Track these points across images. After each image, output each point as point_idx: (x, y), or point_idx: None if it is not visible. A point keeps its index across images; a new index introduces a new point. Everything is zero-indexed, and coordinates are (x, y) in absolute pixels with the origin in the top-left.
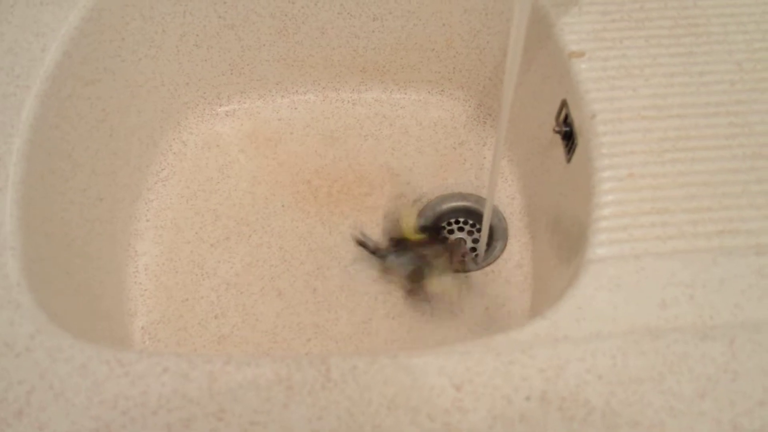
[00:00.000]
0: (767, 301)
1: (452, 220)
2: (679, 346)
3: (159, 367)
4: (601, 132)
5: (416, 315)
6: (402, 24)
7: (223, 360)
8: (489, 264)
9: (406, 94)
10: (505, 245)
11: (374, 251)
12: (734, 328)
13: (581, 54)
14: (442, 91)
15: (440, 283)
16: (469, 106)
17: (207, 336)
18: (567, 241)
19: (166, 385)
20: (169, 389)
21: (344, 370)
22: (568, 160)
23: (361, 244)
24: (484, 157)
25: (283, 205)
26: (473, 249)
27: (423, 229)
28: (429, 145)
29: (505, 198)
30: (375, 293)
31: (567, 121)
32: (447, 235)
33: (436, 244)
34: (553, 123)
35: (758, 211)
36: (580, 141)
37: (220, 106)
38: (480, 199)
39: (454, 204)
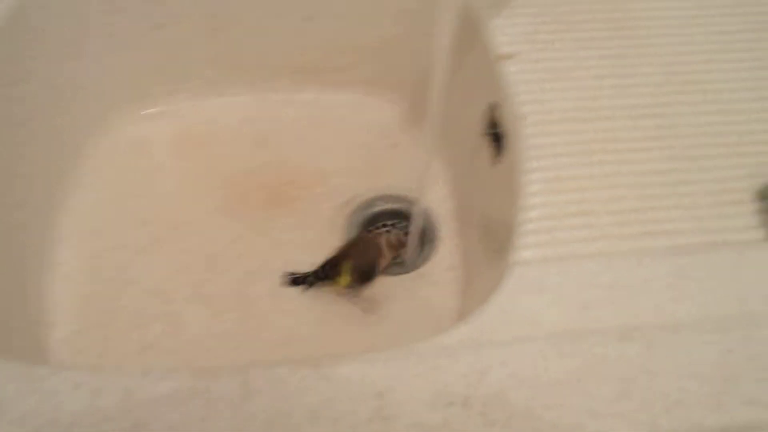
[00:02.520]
0: (685, 302)
1: (382, 223)
2: (599, 348)
3: (71, 382)
4: (530, 134)
5: (345, 320)
6: (335, 24)
7: (140, 373)
8: (418, 267)
9: (340, 95)
10: (435, 248)
11: (307, 280)
12: (653, 329)
13: (510, 56)
14: (376, 92)
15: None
16: (403, 108)
17: (130, 346)
18: (495, 243)
19: (79, 401)
20: (82, 405)
21: (265, 381)
22: (497, 162)
23: (295, 282)
24: (417, 160)
25: (211, 210)
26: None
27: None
28: (362, 147)
29: (437, 200)
30: (303, 299)
31: (496, 123)
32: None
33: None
34: (483, 125)
35: (682, 212)
36: (509, 143)
37: (148, 108)
38: (412, 202)
39: (385, 206)
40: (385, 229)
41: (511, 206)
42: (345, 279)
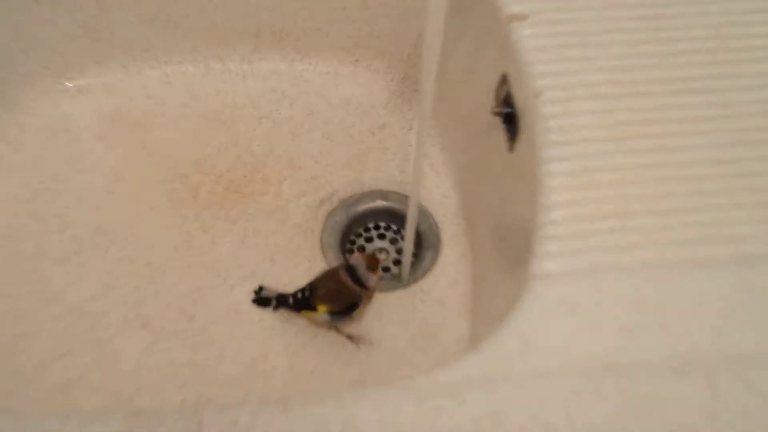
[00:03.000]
0: (754, 325)
1: (369, 225)
2: (647, 386)
3: None
4: (549, 114)
5: (323, 349)
6: None
7: (61, 417)
8: (417, 281)
9: (310, 64)
10: (436, 257)
11: (281, 302)
12: (714, 360)
13: (523, 17)
14: (356, 61)
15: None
16: (391, 81)
17: (49, 381)
18: (510, 251)
19: None
20: None
21: (221, 426)
22: (511, 149)
23: (262, 302)
24: (410, 145)
25: (152, 208)
26: (396, 262)
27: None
28: (340, 130)
29: (437, 196)
30: (271, 321)
31: (508, 101)
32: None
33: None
34: (493, 103)
35: (742, 212)
36: (524, 125)
37: (70, 79)
38: (404, 198)
39: (371, 205)
40: (376, 232)
41: (530, 205)
42: (321, 311)
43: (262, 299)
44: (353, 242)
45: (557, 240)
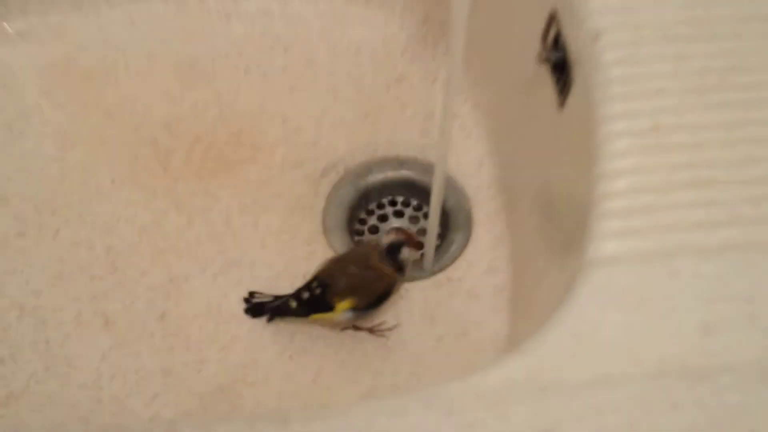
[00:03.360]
0: None
1: (384, 201)
2: (732, 394)
3: None
4: (610, 60)
5: (328, 351)
6: None
7: None
8: (443, 269)
9: (310, 2)
10: (467, 239)
11: (281, 310)
12: None
13: None
14: None
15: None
16: (411, 22)
17: None
18: (560, 231)
19: None
20: None
21: None
22: (561, 105)
23: (257, 311)
24: (435, 101)
25: (112, 181)
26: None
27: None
28: (347, 83)
29: (468, 165)
30: (261, 319)
31: (558, 45)
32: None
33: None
34: (539, 47)
35: None
36: (579, 75)
37: (9, 21)
38: (428, 168)
39: (387, 175)
40: (392, 209)
41: (586, 173)
42: (340, 309)
43: (257, 307)
44: (363, 222)
45: (620, 216)
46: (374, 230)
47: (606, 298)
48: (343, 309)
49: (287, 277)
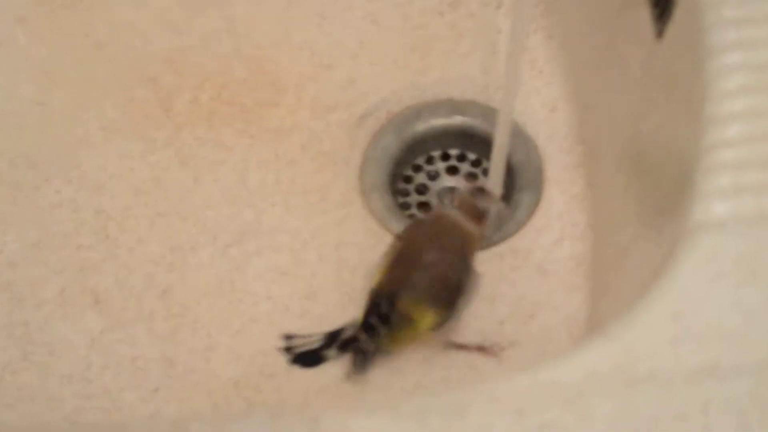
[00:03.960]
0: None
1: (434, 154)
2: None
3: None
4: None
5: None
6: None
7: None
8: (507, 237)
9: None
10: (537, 201)
11: (321, 351)
12: None
13: None
14: None
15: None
16: None
17: None
18: (655, 190)
19: None
20: None
21: None
22: (660, 33)
23: (306, 360)
24: (499, 32)
25: (102, 128)
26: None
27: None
28: (390, 9)
29: (540, 110)
30: (283, 299)
31: None
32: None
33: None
34: None
35: None
36: None
37: None
38: (489, 113)
39: (440, 121)
40: (445, 164)
41: (690, 118)
42: (427, 321)
43: (304, 356)
44: (409, 180)
45: (734, 170)
46: (422, 190)
47: (714, 270)
48: (430, 324)
49: (316, 246)
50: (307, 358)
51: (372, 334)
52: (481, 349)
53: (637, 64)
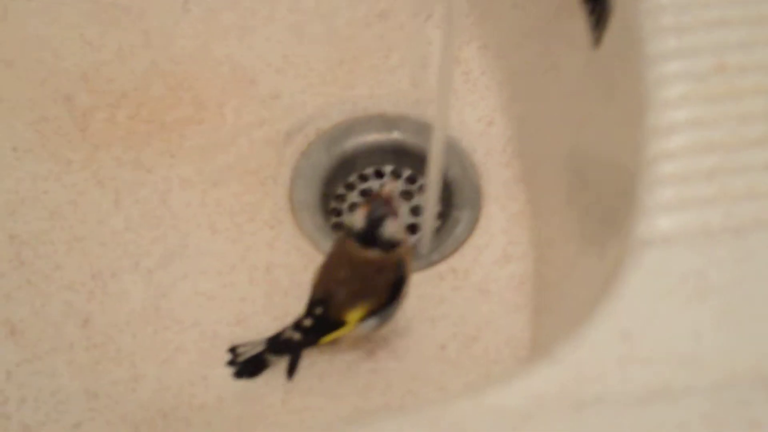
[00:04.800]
0: None
1: (367, 171)
2: None
3: None
4: None
5: (302, 366)
6: None
7: None
8: (445, 257)
9: None
10: (476, 218)
11: (280, 348)
12: None
13: None
14: None
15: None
16: None
17: None
18: (598, 204)
19: None
20: None
21: None
22: (597, 42)
23: (251, 369)
24: (429, 43)
25: (14, 149)
26: (412, 228)
27: None
28: (317, 20)
29: (475, 123)
30: (211, 324)
31: None
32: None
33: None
34: None
35: None
36: (619, 1)
37: None
38: (423, 128)
39: (372, 137)
40: (377, 182)
41: (632, 129)
42: (357, 314)
43: (253, 362)
44: (341, 198)
45: (677, 182)
46: (355, 209)
47: (661, 287)
48: (357, 319)
49: (245, 269)
50: (251, 366)
51: (299, 329)
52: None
53: (575, 73)
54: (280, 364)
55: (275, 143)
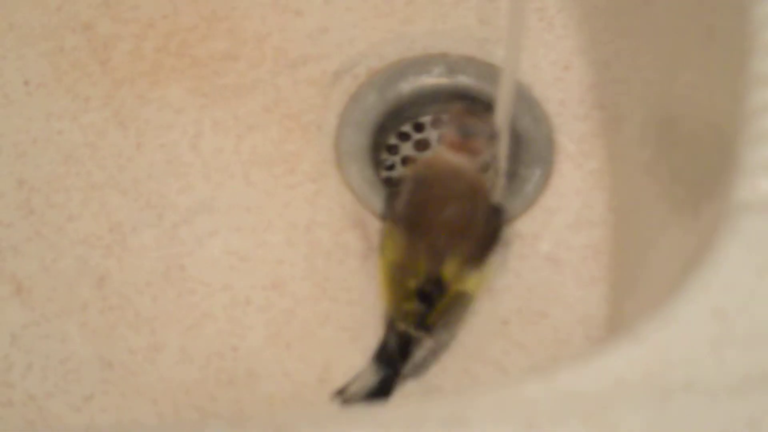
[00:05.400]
0: None
1: (424, 120)
2: None
3: None
4: None
5: (343, 339)
6: None
7: None
8: (512, 220)
9: None
10: (547, 177)
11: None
12: None
13: None
14: None
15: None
16: None
17: None
18: (690, 164)
19: None
20: None
21: None
22: None
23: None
24: None
25: (26, 82)
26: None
27: None
28: None
29: (550, 69)
30: (243, 289)
31: None
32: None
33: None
34: None
35: None
36: None
37: None
38: (490, 72)
39: (431, 81)
40: (436, 131)
41: (733, 77)
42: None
43: (382, 389)
44: (394, 149)
45: None
46: (409, 162)
47: (762, 259)
48: (453, 273)
49: (282, 226)
50: (380, 391)
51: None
52: None
53: (668, 9)
54: (314, 339)
55: (321, 84)
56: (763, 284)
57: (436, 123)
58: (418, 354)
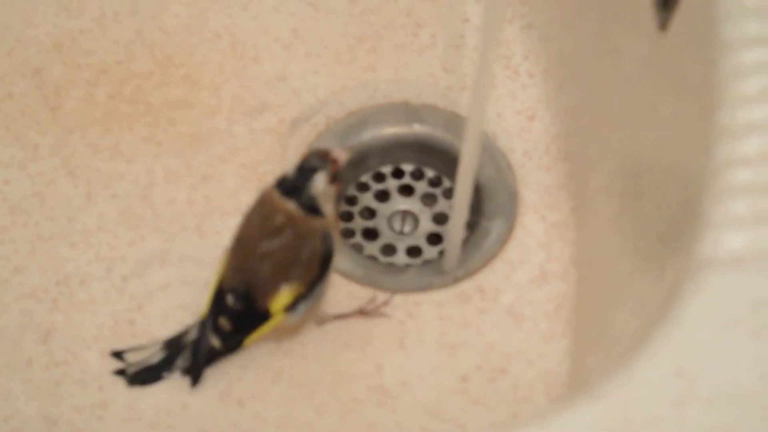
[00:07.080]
0: None
1: (384, 170)
2: None
3: None
4: None
5: (300, 395)
6: None
7: None
8: (472, 273)
9: None
10: (510, 230)
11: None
12: None
13: None
14: None
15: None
16: None
17: None
18: (655, 217)
19: None
20: None
21: None
22: (663, 25)
23: (139, 378)
24: (465, 20)
25: None
26: (433, 239)
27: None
28: None
29: (515, 119)
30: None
31: None
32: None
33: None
34: None
35: None
36: None
37: None
38: (453, 121)
39: (392, 130)
40: (397, 182)
41: (699, 129)
42: (283, 300)
43: (139, 374)
44: (352, 201)
45: (752, 193)
46: (370, 214)
47: (727, 316)
48: (283, 306)
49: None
50: (144, 374)
51: (217, 332)
52: (363, 312)
53: (636, 61)
54: (269, 396)
55: (278, 133)
56: (726, 342)
57: (396, 173)
58: None
